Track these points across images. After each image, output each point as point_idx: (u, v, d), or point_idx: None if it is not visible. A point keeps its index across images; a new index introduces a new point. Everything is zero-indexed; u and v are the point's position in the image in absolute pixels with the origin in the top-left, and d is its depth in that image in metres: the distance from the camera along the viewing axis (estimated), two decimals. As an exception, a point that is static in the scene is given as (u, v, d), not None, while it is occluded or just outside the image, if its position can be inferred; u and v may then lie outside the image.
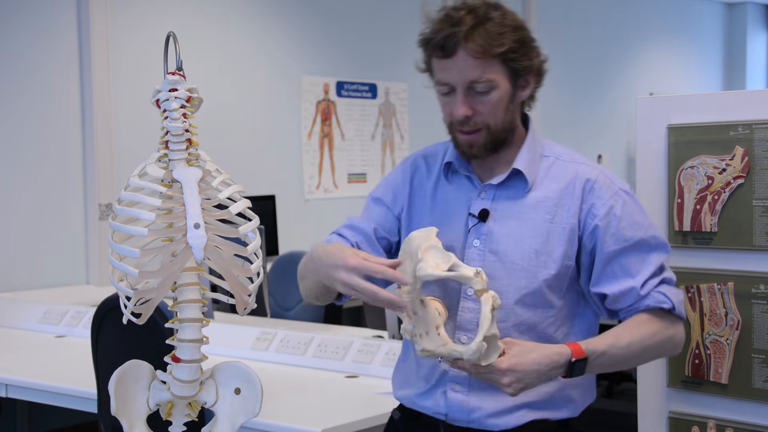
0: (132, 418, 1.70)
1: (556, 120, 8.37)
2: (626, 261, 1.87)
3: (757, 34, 10.85)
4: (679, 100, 2.40)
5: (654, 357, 1.94)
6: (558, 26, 8.43)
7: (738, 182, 2.26)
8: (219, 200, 1.68)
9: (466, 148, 1.89)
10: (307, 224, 6.41)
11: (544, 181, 1.92)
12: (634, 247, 1.88)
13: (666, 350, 1.92)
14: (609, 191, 1.89)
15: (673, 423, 2.38)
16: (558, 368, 1.75)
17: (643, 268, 1.88)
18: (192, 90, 1.72)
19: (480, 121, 1.85)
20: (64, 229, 5.28)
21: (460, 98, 1.84)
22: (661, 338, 1.88)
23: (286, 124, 6.44)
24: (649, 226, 1.91)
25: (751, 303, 2.25)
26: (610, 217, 1.87)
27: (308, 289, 1.96)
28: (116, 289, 1.67)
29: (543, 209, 1.89)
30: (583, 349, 1.78)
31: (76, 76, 5.33)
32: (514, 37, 1.83)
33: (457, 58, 1.82)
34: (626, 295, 1.87)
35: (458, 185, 1.97)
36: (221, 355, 2.60)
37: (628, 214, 1.89)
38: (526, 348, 1.74)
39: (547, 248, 1.86)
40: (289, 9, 6.45)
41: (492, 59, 1.82)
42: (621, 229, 1.87)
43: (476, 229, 1.90)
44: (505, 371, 1.71)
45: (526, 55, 1.86)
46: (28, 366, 3.50)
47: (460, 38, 1.80)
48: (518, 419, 1.88)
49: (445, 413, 1.91)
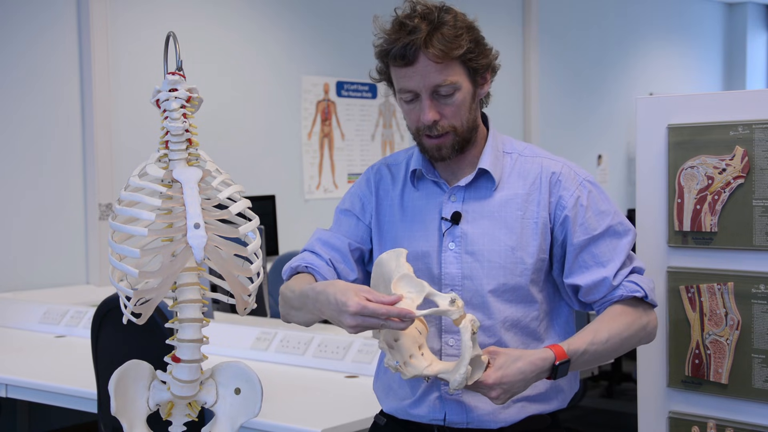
0: (132, 418, 1.70)
1: (556, 120, 8.37)
2: (596, 250, 1.90)
3: (757, 34, 10.85)
4: (679, 100, 2.40)
5: (631, 347, 1.94)
6: (558, 26, 8.43)
7: (738, 182, 2.26)
8: (219, 200, 1.69)
9: (435, 152, 1.91)
10: (307, 224, 6.41)
11: (510, 178, 1.95)
12: (602, 236, 1.91)
13: (641, 339, 1.94)
14: (574, 182, 1.93)
15: (673, 423, 2.38)
16: (543, 373, 1.77)
17: (614, 257, 1.91)
18: (192, 90, 1.72)
19: (447, 124, 1.88)
20: (64, 229, 5.28)
21: (426, 103, 1.86)
22: (636, 328, 1.90)
23: (286, 124, 6.44)
24: (615, 213, 1.95)
25: (751, 303, 2.25)
26: (577, 208, 1.91)
27: (304, 320, 1.94)
28: (116, 289, 1.67)
29: (513, 206, 1.91)
30: (565, 350, 1.80)
31: (76, 76, 5.32)
32: (469, 37, 1.86)
33: (418, 65, 1.84)
34: (599, 287, 1.90)
35: (426, 191, 1.98)
36: (221, 355, 2.61)
37: (594, 203, 1.93)
38: (510, 358, 1.75)
39: (522, 243, 1.89)
40: (289, 9, 6.45)
41: (452, 62, 1.84)
42: (588, 219, 1.91)
43: (450, 232, 1.92)
44: (492, 386, 1.72)
45: (482, 53, 1.89)
46: (28, 366, 3.50)
47: (419, 45, 1.82)
48: (515, 415, 1.90)
49: (443, 418, 1.91)
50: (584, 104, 8.82)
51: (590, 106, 8.89)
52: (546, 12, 8.20)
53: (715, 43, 10.58)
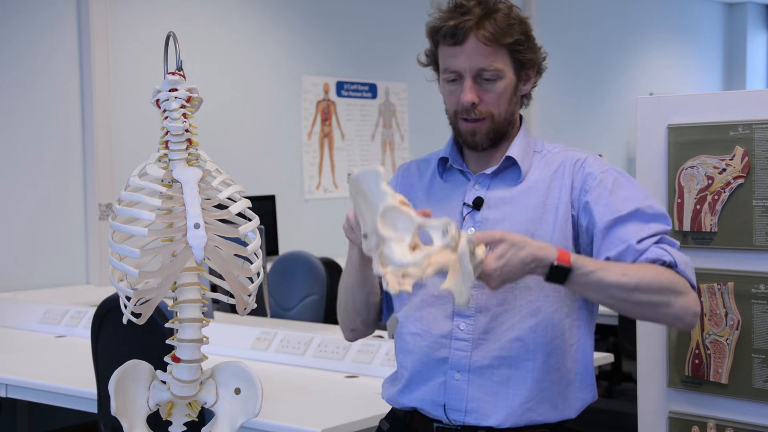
0: (132, 418, 1.70)
1: (556, 120, 8.37)
2: (623, 230, 1.82)
3: (757, 34, 10.85)
4: (679, 100, 2.40)
5: (652, 309, 1.76)
6: (558, 26, 8.43)
7: (738, 182, 2.26)
8: (219, 200, 1.69)
9: (469, 136, 1.91)
10: (307, 224, 6.41)
11: (536, 171, 1.94)
12: (630, 217, 1.83)
13: (670, 307, 1.75)
14: (599, 168, 1.89)
15: (673, 423, 2.38)
16: (540, 267, 1.70)
17: (641, 234, 1.81)
18: (192, 90, 1.72)
19: (485, 110, 1.89)
20: (64, 229, 5.28)
21: (468, 84, 1.87)
22: (665, 284, 1.74)
23: (286, 124, 6.44)
24: (646, 197, 1.86)
25: (751, 303, 2.25)
26: (600, 190, 1.85)
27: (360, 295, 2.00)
28: (116, 289, 1.67)
29: (535, 193, 1.90)
30: (571, 259, 1.71)
31: (76, 76, 5.32)
32: (520, 29, 1.89)
33: (467, 45, 1.86)
34: (623, 255, 1.80)
35: (452, 182, 1.99)
36: (221, 355, 2.61)
37: (620, 187, 1.86)
38: (514, 247, 1.67)
39: (541, 231, 1.87)
40: (289, 9, 6.45)
41: (500, 49, 1.87)
42: (612, 201, 1.84)
43: (470, 216, 1.92)
44: (491, 274, 1.67)
45: (531, 48, 1.92)
46: (28, 366, 3.50)
47: (471, 26, 1.85)
48: (516, 418, 1.86)
49: (444, 403, 1.89)
50: (584, 104, 8.82)
51: (590, 106, 8.89)
52: (546, 12, 8.20)
53: (715, 43, 10.58)
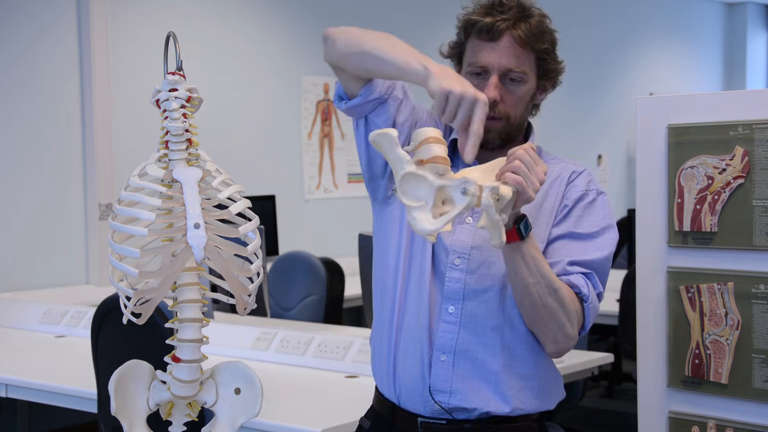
0: (132, 418, 1.70)
1: (556, 120, 8.37)
2: (567, 246, 1.88)
3: (757, 34, 10.85)
4: (679, 100, 2.40)
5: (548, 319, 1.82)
6: (558, 26, 8.40)
7: (738, 182, 2.26)
8: (219, 200, 1.69)
9: None
10: (307, 224, 6.41)
11: None
12: (580, 237, 1.88)
13: (559, 328, 1.83)
14: (587, 183, 1.94)
15: (673, 423, 2.38)
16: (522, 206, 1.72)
17: (578, 257, 1.87)
18: (192, 90, 1.72)
19: (503, 110, 1.91)
20: (64, 229, 5.28)
21: (493, 81, 1.89)
22: (570, 307, 1.81)
23: (286, 124, 6.44)
24: (606, 234, 1.90)
25: (751, 303, 2.25)
26: (578, 203, 1.91)
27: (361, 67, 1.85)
28: (116, 289, 1.67)
29: None
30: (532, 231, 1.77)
31: (76, 76, 5.33)
32: (550, 39, 1.95)
33: (501, 42, 1.89)
34: (552, 265, 1.85)
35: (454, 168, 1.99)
36: (221, 355, 2.61)
37: (594, 210, 1.91)
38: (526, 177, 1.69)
39: (535, 231, 1.88)
40: (289, 9, 6.45)
41: (531, 53, 1.91)
42: (578, 218, 1.90)
43: None
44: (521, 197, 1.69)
45: (554, 60, 1.97)
46: (28, 366, 3.50)
47: (509, 25, 1.89)
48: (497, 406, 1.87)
49: (430, 384, 1.89)
50: (584, 104, 8.82)
51: (590, 106, 8.89)
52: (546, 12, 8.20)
53: (715, 43, 10.59)
